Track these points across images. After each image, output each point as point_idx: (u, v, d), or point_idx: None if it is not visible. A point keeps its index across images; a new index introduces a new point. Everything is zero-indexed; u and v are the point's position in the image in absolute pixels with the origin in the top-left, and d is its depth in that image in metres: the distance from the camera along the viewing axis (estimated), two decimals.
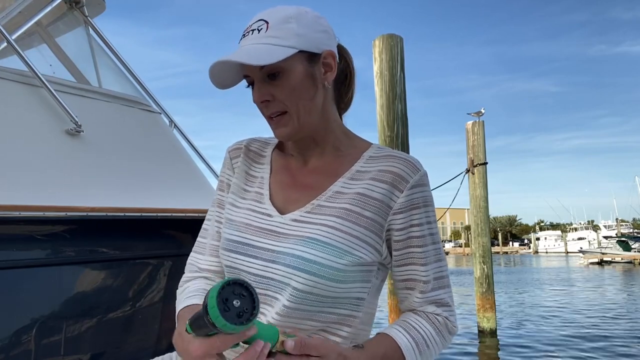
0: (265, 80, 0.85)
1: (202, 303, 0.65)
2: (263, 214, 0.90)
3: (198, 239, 1.02)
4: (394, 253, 0.88)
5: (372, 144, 0.97)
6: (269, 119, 0.88)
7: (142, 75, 2.80)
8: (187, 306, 0.89)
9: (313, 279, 0.80)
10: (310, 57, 0.86)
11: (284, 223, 0.88)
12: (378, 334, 0.89)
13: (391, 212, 0.86)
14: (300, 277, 0.80)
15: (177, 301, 0.95)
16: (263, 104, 0.87)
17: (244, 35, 0.86)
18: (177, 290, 0.99)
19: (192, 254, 1.02)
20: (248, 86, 0.89)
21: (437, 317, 0.88)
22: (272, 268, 0.84)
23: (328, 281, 0.80)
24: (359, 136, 0.99)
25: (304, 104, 0.86)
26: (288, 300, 0.82)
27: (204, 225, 1.02)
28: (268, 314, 0.84)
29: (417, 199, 0.86)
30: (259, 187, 0.95)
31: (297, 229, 0.86)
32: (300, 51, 0.84)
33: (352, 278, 0.83)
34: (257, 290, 0.84)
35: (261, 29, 0.83)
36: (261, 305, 0.85)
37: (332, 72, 0.89)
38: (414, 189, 0.86)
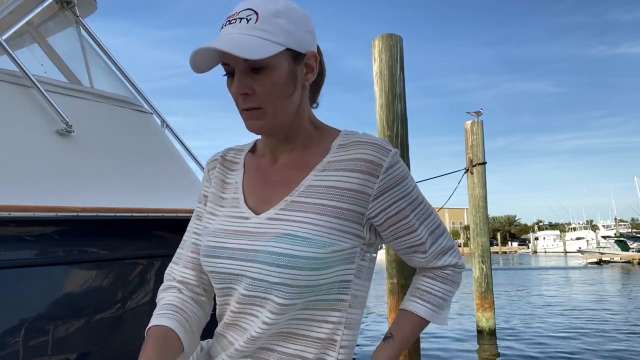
0: (247, 73, 0.83)
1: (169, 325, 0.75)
2: (240, 217, 0.90)
3: (178, 249, 1.03)
4: (383, 233, 0.90)
5: (340, 131, 0.95)
6: (243, 111, 0.86)
7: (146, 76, 2.82)
8: (156, 326, 0.89)
9: (292, 272, 0.79)
10: (295, 56, 0.85)
11: (259, 223, 0.87)
12: (400, 311, 0.97)
13: (370, 199, 0.85)
14: (273, 271, 0.80)
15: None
16: (242, 96, 0.84)
17: (229, 21, 0.83)
18: (157, 297, 1.00)
19: (170, 263, 1.02)
20: (225, 75, 0.86)
21: (444, 271, 0.96)
22: (248, 266, 0.83)
23: (308, 271, 0.80)
24: (329, 126, 0.97)
25: (282, 102, 0.85)
26: (277, 297, 0.81)
27: (184, 237, 1.03)
28: (261, 315, 0.83)
29: (392, 179, 0.86)
30: (234, 193, 0.95)
31: (272, 226, 0.85)
32: (287, 49, 0.83)
33: (331, 264, 0.83)
34: (243, 292, 0.84)
35: (250, 19, 0.81)
36: (252, 307, 0.85)
37: (313, 74, 0.89)
38: (389, 171, 0.85)
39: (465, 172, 7.39)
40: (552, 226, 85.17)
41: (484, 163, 7.36)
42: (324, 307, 0.85)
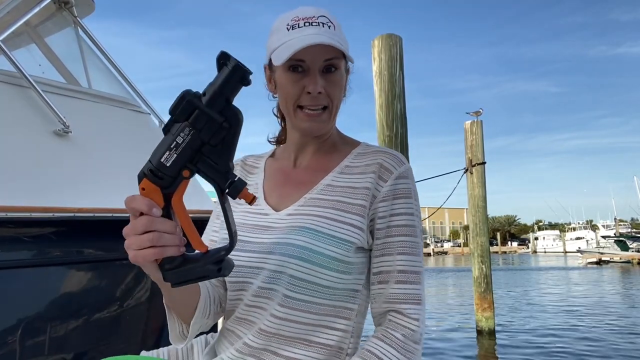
0: (321, 73, 0.88)
1: None
2: (259, 213, 0.94)
3: None
4: (374, 242, 0.89)
5: (361, 142, 1.01)
6: (309, 110, 0.89)
7: (145, 76, 2.80)
8: None
9: (307, 265, 0.82)
10: (346, 67, 0.94)
11: (279, 218, 0.91)
12: None
13: (376, 201, 0.89)
14: (294, 264, 0.83)
15: None
16: (316, 94, 0.88)
17: (310, 23, 0.87)
18: None
19: None
20: (294, 70, 0.88)
21: (394, 334, 0.84)
22: (268, 259, 0.86)
23: (322, 268, 0.83)
24: (349, 137, 1.04)
25: (338, 105, 0.93)
26: (287, 289, 0.84)
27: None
28: (269, 308, 0.86)
29: (400, 189, 0.90)
30: (254, 192, 0.99)
31: (291, 221, 0.89)
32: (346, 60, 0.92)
33: (348, 269, 0.86)
34: (260, 284, 0.86)
35: (330, 26, 0.88)
36: (263, 299, 0.87)
37: (347, 87, 0.98)
38: (398, 180, 0.90)
39: (464, 172, 7.40)
40: (551, 226, 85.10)
41: (484, 163, 7.36)
42: (330, 312, 0.87)
